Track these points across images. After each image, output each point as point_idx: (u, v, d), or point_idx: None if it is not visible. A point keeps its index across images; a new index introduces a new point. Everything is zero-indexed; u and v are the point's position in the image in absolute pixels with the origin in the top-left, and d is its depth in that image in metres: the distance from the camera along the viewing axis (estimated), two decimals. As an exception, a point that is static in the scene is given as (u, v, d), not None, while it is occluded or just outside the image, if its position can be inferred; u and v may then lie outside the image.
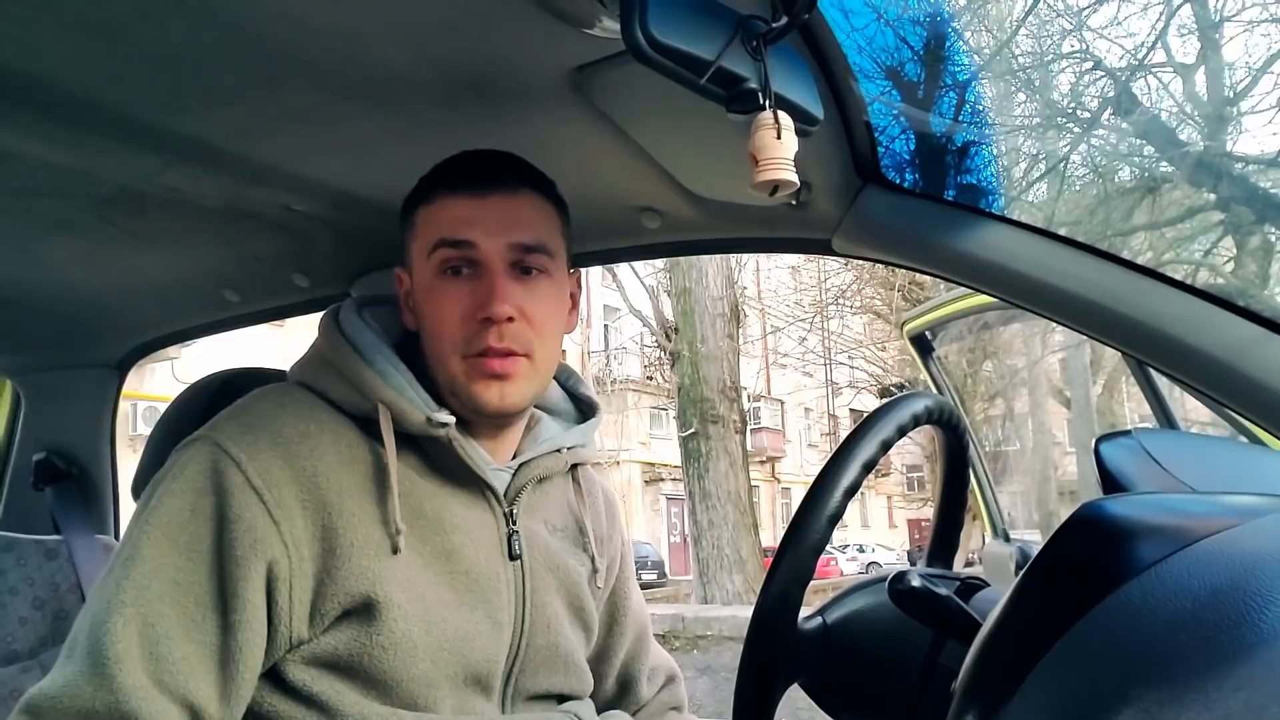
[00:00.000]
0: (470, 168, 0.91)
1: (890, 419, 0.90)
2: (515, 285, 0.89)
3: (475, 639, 0.89)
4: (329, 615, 0.82)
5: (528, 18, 0.75)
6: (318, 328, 0.97)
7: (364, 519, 0.84)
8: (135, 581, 0.78)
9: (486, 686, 0.91)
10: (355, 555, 0.83)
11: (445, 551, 0.89)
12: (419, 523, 0.88)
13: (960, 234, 0.92)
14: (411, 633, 0.84)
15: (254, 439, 0.84)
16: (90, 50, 0.80)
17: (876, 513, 29.89)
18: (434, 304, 0.90)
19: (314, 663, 0.83)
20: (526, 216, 0.91)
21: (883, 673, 0.96)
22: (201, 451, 0.84)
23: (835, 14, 0.82)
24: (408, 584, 0.85)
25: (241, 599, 0.79)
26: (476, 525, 0.92)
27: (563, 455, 1.01)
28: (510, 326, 0.87)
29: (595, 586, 1.05)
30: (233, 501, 0.80)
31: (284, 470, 0.83)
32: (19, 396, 1.86)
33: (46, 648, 1.50)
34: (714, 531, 9.38)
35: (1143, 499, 0.65)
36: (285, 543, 0.81)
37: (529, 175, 0.93)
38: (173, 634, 0.77)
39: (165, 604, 0.77)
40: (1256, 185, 8.50)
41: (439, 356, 0.90)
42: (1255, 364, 0.75)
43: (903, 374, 17.06)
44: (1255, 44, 19.51)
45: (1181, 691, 0.44)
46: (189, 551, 0.80)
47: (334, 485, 0.84)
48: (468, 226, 0.88)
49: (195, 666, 0.77)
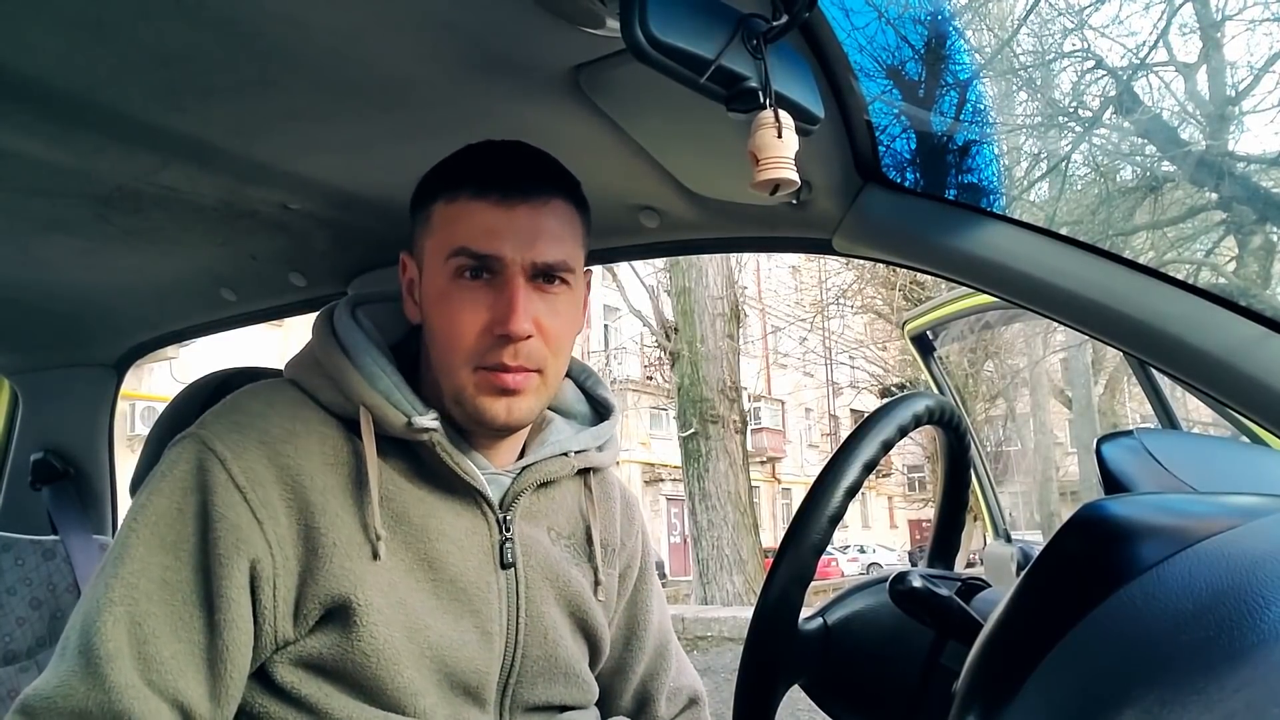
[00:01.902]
0: (498, 169, 0.87)
1: (891, 419, 0.89)
2: (535, 298, 0.86)
3: (461, 649, 0.87)
4: (311, 616, 0.82)
5: (528, 17, 0.75)
6: (312, 326, 0.96)
7: (346, 520, 0.83)
8: (124, 580, 0.77)
9: (479, 697, 0.89)
10: (336, 556, 0.82)
11: (429, 559, 0.87)
12: (401, 528, 0.86)
13: (961, 233, 0.92)
14: (393, 639, 0.83)
15: (240, 437, 0.83)
16: (87, 49, 0.80)
17: (877, 513, 29.90)
18: (447, 309, 0.86)
19: (300, 664, 0.83)
20: (553, 230, 0.87)
21: (883, 673, 0.96)
22: (189, 449, 0.83)
23: (836, 12, 0.81)
24: (389, 589, 0.84)
25: (226, 598, 0.78)
26: (465, 533, 0.90)
27: (569, 459, 0.98)
28: (526, 344, 0.85)
29: (598, 598, 1.01)
30: (217, 500, 0.80)
31: (268, 469, 0.82)
32: (17, 396, 1.86)
33: (44, 648, 1.50)
34: (714, 532, 9.38)
35: (1144, 499, 0.64)
36: (268, 541, 0.80)
37: (559, 179, 0.89)
38: (161, 633, 0.77)
39: (153, 603, 0.77)
40: (1258, 184, 8.50)
41: (447, 364, 0.87)
42: (1256, 363, 0.75)
43: (904, 374, 17.07)
44: (1257, 43, 19.53)
45: (1182, 692, 0.44)
46: (176, 550, 0.79)
47: (317, 485, 0.83)
48: (493, 240, 0.84)
49: (184, 666, 0.77)
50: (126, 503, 0.99)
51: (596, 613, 1.00)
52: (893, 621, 0.93)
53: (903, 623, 0.91)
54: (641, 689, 1.12)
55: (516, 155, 0.89)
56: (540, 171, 0.89)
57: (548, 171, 0.89)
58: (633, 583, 1.10)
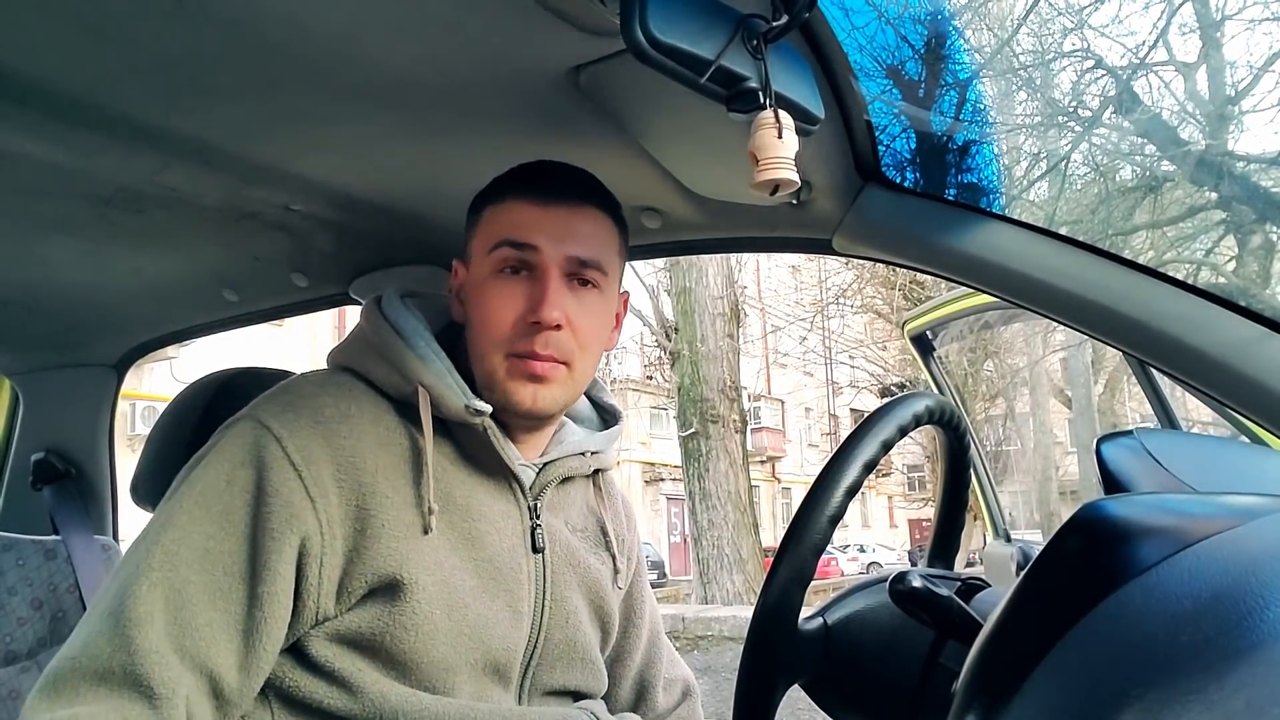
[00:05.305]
0: (541, 175, 0.93)
1: (891, 419, 0.90)
2: (568, 293, 0.91)
3: (495, 627, 0.89)
4: (355, 593, 0.84)
5: (528, 17, 0.75)
6: (360, 314, 0.99)
7: (397, 500, 0.86)
8: (165, 547, 0.79)
9: (504, 676, 0.92)
10: (385, 536, 0.84)
11: (471, 538, 0.90)
12: (449, 508, 0.90)
13: (961, 233, 0.92)
14: (434, 615, 0.85)
15: (295, 416, 0.86)
16: (90, 50, 0.80)
17: (877, 513, 29.90)
18: (486, 299, 0.91)
19: (337, 640, 0.84)
20: (587, 230, 0.92)
21: (883, 673, 0.96)
22: (244, 428, 0.86)
23: (836, 12, 0.81)
24: (434, 567, 0.86)
25: (273, 571, 0.80)
26: (502, 516, 0.93)
27: (587, 459, 1.03)
28: (556, 334, 0.89)
29: (617, 586, 1.06)
30: (271, 475, 0.82)
31: (323, 449, 0.84)
32: (17, 396, 1.86)
33: (45, 648, 1.50)
34: (714, 531, 9.38)
35: (1144, 499, 0.64)
36: (319, 520, 0.82)
37: (596, 192, 0.95)
38: (198, 600, 0.78)
39: (193, 570, 0.79)
40: (1258, 184, 8.50)
41: (481, 350, 0.92)
42: (1256, 363, 0.75)
43: (903, 373, 17.08)
44: (1257, 42, 19.52)
45: (1182, 692, 0.44)
46: (222, 521, 0.81)
47: (370, 466, 0.86)
48: (531, 230, 0.90)
49: (218, 634, 0.78)
50: (127, 502, 0.99)
51: (613, 601, 1.04)
52: (893, 621, 0.93)
53: (903, 623, 0.91)
54: (639, 678, 1.17)
55: (561, 168, 0.95)
56: (581, 181, 0.95)
57: (589, 183, 0.95)
58: (633, 570, 1.15)
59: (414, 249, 1.30)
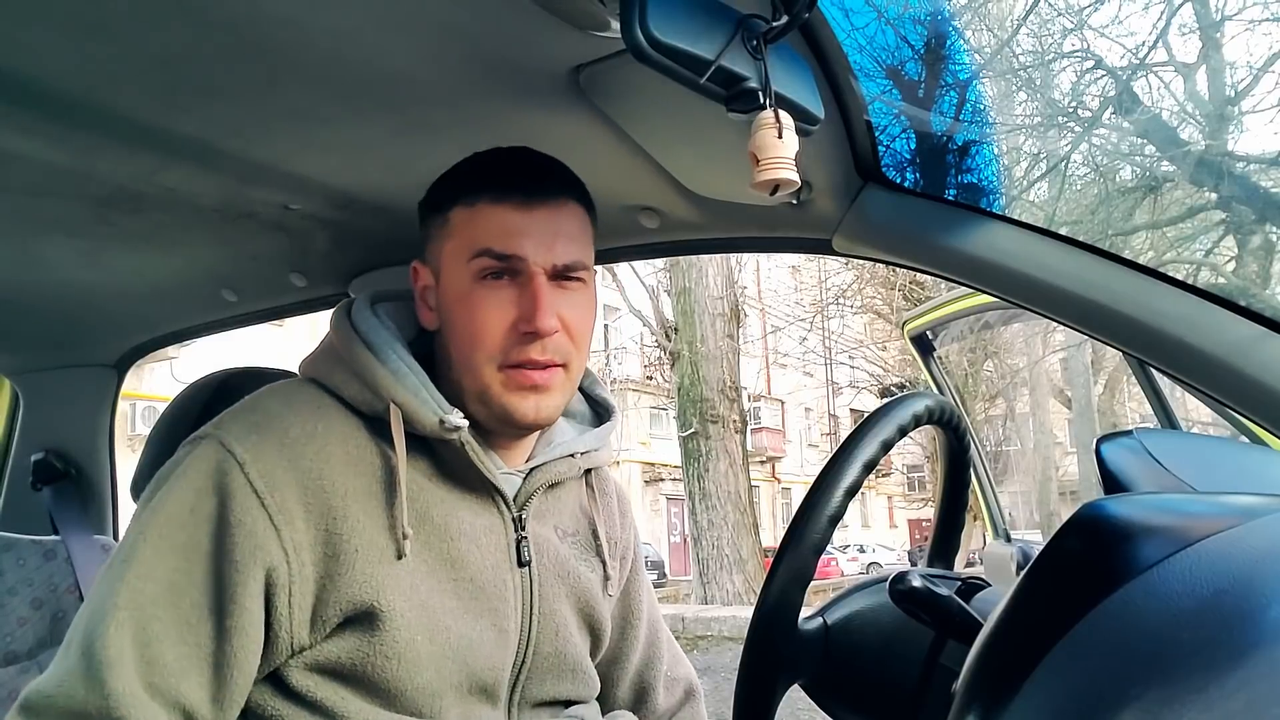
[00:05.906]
0: (516, 173, 0.89)
1: (891, 419, 0.90)
2: (557, 295, 0.88)
3: (479, 647, 0.87)
4: (330, 622, 0.81)
5: (528, 18, 0.75)
6: (329, 323, 0.95)
7: (369, 524, 0.83)
8: (130, 584, 0.77)
9: (492, 695, 0.90)
10: (359, 562, 0.81)
11: (450, 558, 0.87)
12: (425, 528, 0.86)
13: (961, 234, 0.92)
14: (415, 641, 0.82)
15: (259, 439, 0.82)
16: (88, 50, 0.80)
17: (877, 513, 29.90)
18: (471, 309, 0.87)
19: (316, 669, 0.82)
20: (570, 230, 0.89)
21: (883, 673, 0.96)
22: (206, 450, 0.82)
23: (836, 13, 0.81)
24: (411, 592, 0.83)
25: (239, 605, 0.77)
26: (484, 531, 0.90)
27: (576, 460, 0.99)
28: (553, 339, 0.86)
29: (608, 594, 1.03)
30: (234, 504, 0.79)
31: (288, 473, 0.81)
32: (17, 396, 1.86)
33: (45, 648, 1.49)
34: (714, 531, 9.38)
35: (1144, 499, 0.64)
36: (285, 549, 0.79)
37: (571, 183, 0.92)
38: (166, 636, 0.76)
39: (160, 606, 0.77)
40: (1258, 184, 8.50)
41: (470, 363, 0.87)
42: (1255, 364, 0.75)
43: (903, 374, 17.07)
44: (1256, 43, 19.53)
45: (1183, 691, 0.44)
46: (186, 553, 0.78)
47: (340, 489, 0.82)
48: (515, 239, 0.86)
49: (189, 669, 0.76)
50: (127, 502, 0.99)
51: (603, 608, 1.02)
52: (893, 621, 0.93)
53: (903, 622, 0.91)
54: (638, 678, 1.14)
55: (530, 160, 0.91)
56: (554, 175, 0.91)
57: (561, 175, 0.91)
58: (627, 573, 1.12)
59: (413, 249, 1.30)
